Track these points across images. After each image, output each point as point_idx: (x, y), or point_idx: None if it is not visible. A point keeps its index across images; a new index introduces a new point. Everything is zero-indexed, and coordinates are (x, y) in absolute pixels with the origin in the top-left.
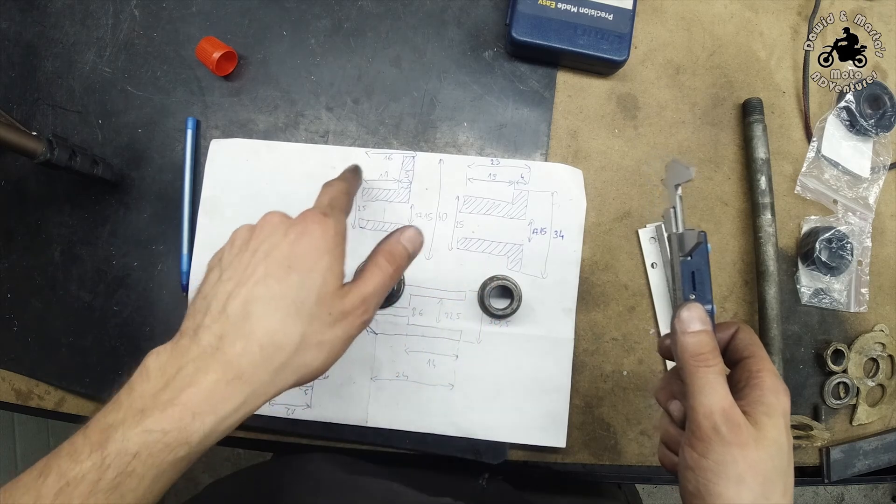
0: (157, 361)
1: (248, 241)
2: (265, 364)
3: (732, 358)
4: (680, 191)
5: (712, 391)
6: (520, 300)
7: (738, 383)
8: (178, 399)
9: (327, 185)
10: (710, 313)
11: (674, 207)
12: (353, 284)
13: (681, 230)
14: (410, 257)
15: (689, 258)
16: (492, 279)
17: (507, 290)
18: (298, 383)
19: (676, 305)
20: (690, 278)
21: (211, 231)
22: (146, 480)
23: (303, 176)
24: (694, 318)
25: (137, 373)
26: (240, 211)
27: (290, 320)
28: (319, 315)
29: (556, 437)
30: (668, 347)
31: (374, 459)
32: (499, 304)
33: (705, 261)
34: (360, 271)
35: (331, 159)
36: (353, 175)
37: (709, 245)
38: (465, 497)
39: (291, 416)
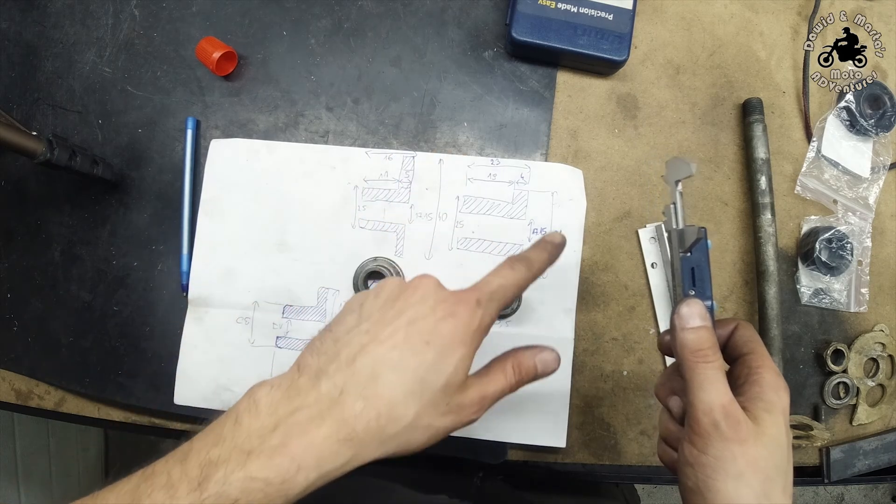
0: (269, 397)
1: (395, 298)
2: (378, 432)
3: (732, 354)
4: (680, 187)
5: (712, 387)
6: (520, 300)
7: (737, 380)
8: (287, 448)
9: (503, 270)
10: (710, 309)
11: (674, 203)
12: (477, 380)
13: (681, 226)
14: (536, 377)
15: (689, 254)
16: None
17: None
18: (396, 454)
19: (676, 302)
20: (690, 275)
21: (211, 231)
22: None
23: (303, 176)
24: (694, 314)
25: (246, 404)
26: (240, 211)
27: (413, 398)
28: (439, 401)
29: (556, 437)
30: (668, 343)
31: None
32: None
33: (705, 257)
34: (487, 367)
35: (331, 159)
36: (547, 256)
37: (709, 241)
38: (460, 495)
39: None
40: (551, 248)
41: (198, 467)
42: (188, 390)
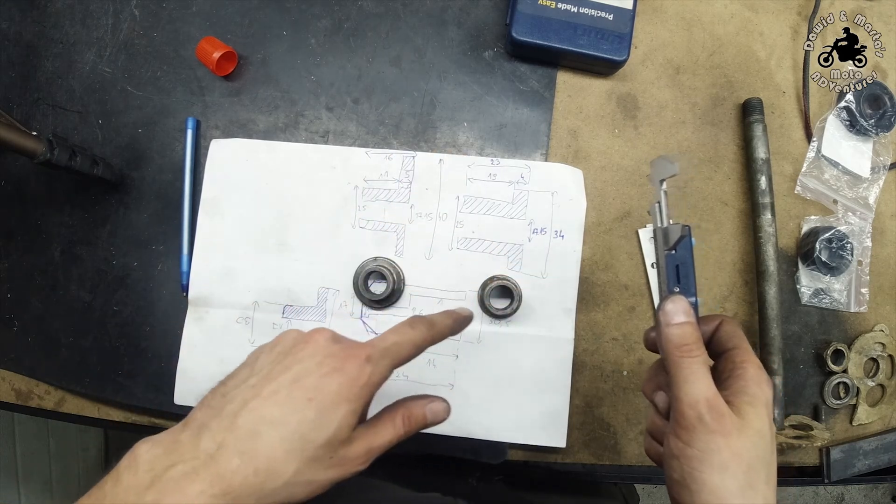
0: (149, 454)
1: (286, 353)
2: (257, 487)
3: (716, 350)
4: (665, 186)
5: (696, 381)
6: (520, 300)
7: (721, 374)
8: (162, 500)
9: (401, 328)
10: (695, 305)
11: (658, 202)
12: (364, 431)
13: (666, 225)
14: (426, 426)
15: (674, 252)
16: (492, 279)
17: (507, 290)
18: None
19: (661, 298)
20: (675, 272)
21: (211, 232)
22: None
23: (303, 176)
24: (678, 310)
25: (127, 462)
26: (240, 211)
27: (293, 455)
28: (321, 457)
29: (556, 437)
30: (654, 340)
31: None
32: (499, 303)
33: (689, 254)
34: (377, 417)
35: (331, 159)
36: (451, 322)
37: (693, 239)
38: (454, 494)
39: None
40: (457, 317)
41: None
42: (189, 390)
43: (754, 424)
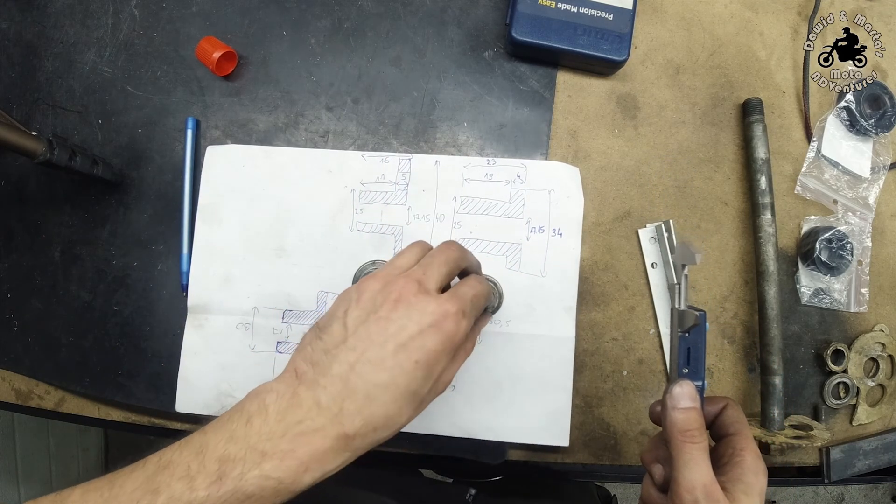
0: (276, 404)
1: (378, 306)
2: (374, 437)
3: (718, 432)
4: (686, 270)
5: (696, 467)
6: (501, 298)
7: (720, 458)
8: (296, 452)
9: (474, 281)
10: (701, 389)
11: (678, 285)
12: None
13: (682, 308)
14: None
15: (686, 335)
16: None
17: None
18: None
19: (670, 379)
20: (686, 354)
21: (209, 238)
22: None
23: (299, 180)
24: (685, 394)
25: (256, 407)
26: (238, 217)
27: (406, 409)
28: (426, 401)
29: (558, 436)
30: (658, 414)
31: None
32: None
33: (702, 339)
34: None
35: (327, 163)
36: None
37: (707, 324)
38: None
39: None
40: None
41: (215, 462)
42: (190, 397)
43: None
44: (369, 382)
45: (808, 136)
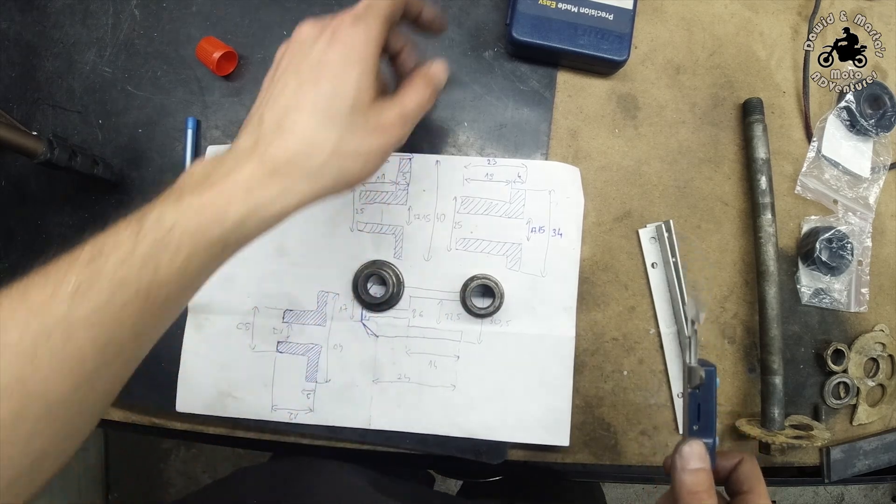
0: (201, 164)
1: (281, 59)
2: (301, 162)
3: (732, 489)
4: (696, 326)
5: None
6: (502, 298)
7: None
8: (215, 186)
9: None
10: (712, 446)
11: (689, 338)
12: (391, 101)
13: (693, 363)
14: (441, 83)
15: (697, 391)
16: (472, 279)
17: (488, 289)
18: (336, 189)
19: (682, 435)
20: (696, 410)
21: None
22: (179, 257)
23: None
24: (694, 454)
25: (183, 176)
26: None
27: (324, 126)
28: (355, 123)
29: (559, 436)
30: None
31: (373, 459)
32: (481, 303)
33: (712, 396)
34: (398, 89)
35: None
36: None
37: (717, 380)
38: None
39: (294, 421)
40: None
41: (138, 215)
42: (190, 398)
43: None
44: (280, 108)
45: (809, 136)
